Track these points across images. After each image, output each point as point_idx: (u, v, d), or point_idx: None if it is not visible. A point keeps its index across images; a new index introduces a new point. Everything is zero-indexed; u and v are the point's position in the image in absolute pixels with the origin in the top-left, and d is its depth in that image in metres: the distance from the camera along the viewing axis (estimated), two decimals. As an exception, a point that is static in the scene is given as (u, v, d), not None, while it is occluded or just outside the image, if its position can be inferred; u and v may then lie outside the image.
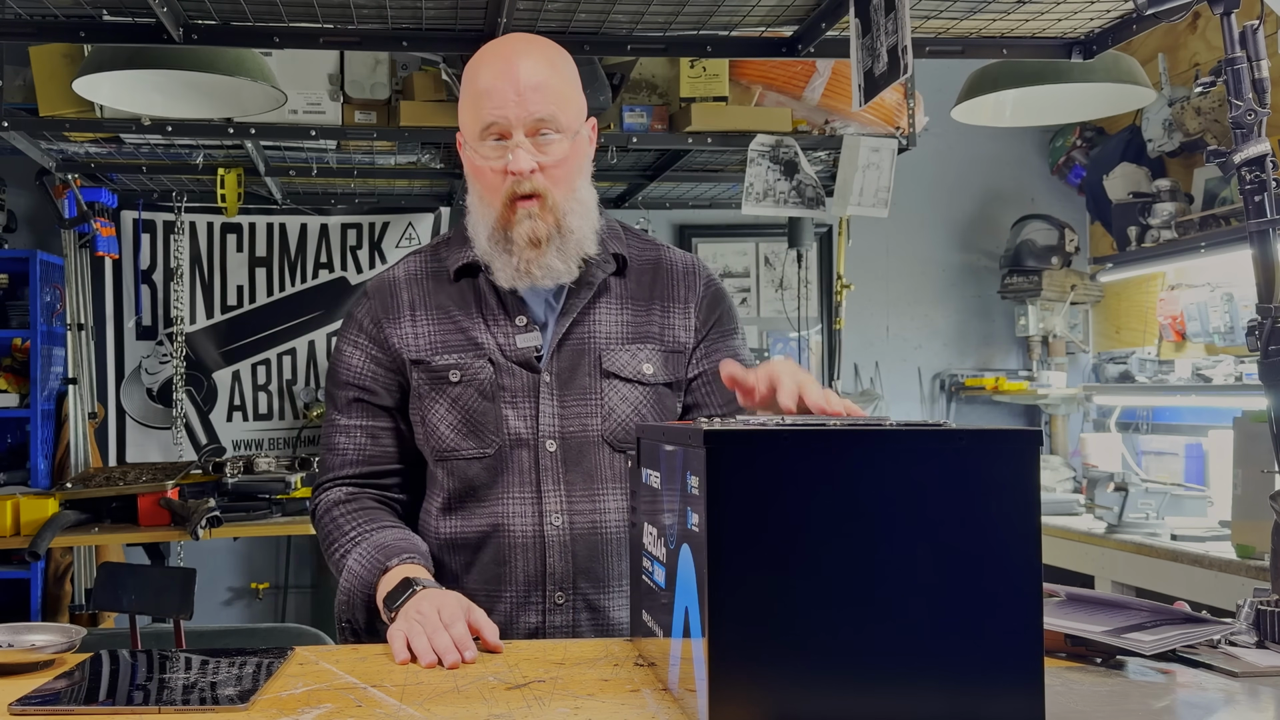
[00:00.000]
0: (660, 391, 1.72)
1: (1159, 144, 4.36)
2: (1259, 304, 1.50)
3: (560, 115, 1.61)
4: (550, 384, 1.67)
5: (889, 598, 1.08)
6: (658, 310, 1.74)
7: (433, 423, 1.68)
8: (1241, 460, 3.30)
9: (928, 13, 2.57)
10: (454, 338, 1.68)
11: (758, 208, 3.76)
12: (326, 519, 1.73)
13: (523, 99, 1.59)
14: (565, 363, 1.68)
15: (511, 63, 1.61)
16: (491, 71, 1.61)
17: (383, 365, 1.72)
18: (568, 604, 1.65)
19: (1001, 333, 5.29)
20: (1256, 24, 1.52)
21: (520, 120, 1.59)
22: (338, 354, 1.76)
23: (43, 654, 1.36)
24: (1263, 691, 1.26)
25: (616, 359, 1.69)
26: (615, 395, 1.68)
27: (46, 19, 2.53)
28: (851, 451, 1.10)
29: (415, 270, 1.76)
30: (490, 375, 1.66)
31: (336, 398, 1.75)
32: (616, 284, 1.73)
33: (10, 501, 3.89)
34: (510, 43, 1.67)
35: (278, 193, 4.78)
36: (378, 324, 1.72)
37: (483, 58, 1.65)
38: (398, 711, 1.18)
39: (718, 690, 1.06)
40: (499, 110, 1.59)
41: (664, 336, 1.73)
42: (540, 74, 1.61)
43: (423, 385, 1.68)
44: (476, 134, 1.62)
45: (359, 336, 1.74)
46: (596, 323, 1.70)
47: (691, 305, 1.76)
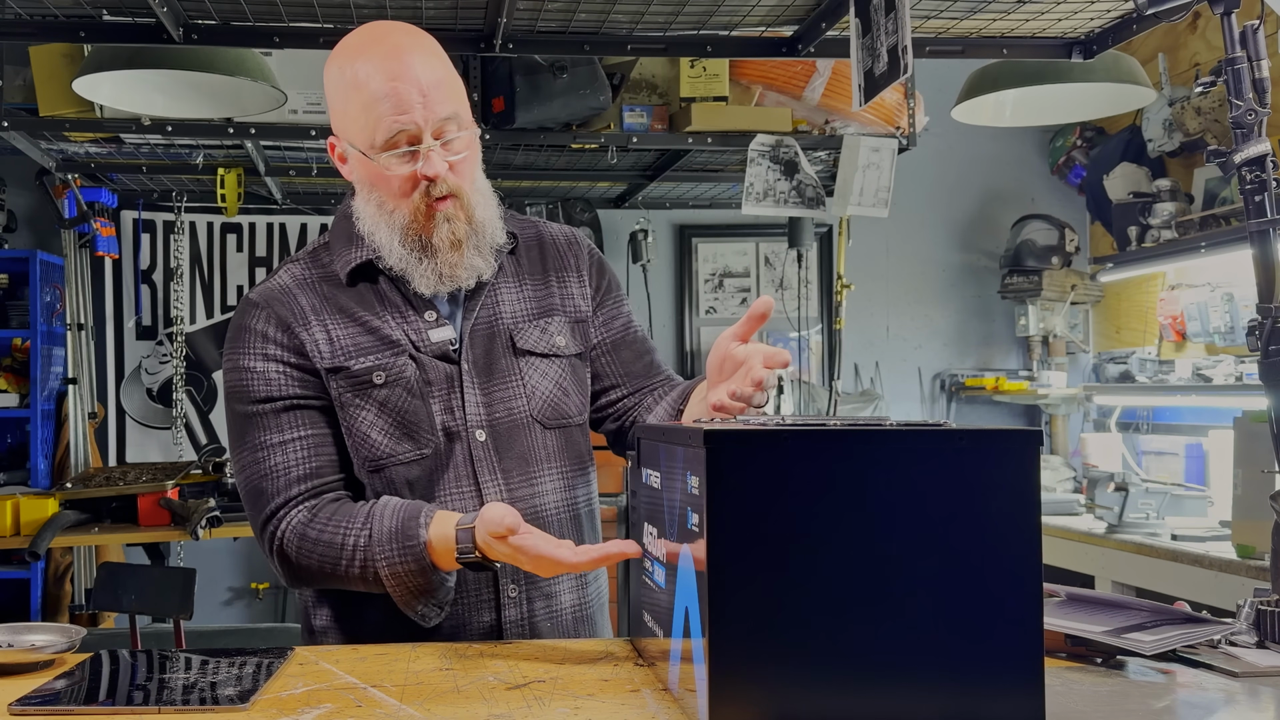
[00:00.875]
0: (574, 363, 1.70)
1: (1159, 144, 4.36)
2: (1259, 304, 1.50)
3: (461, 111, 1.56)
4: (470, 372, 1.61)
5: (889, 598, 1.07)
6: (554, 282, 1.71)
7: (362, 431, 1.57)
8: (1242, 460, 3.30)
9: (928, 13, 2.57)
10: (366, 339, 1.59)
11: (758, 208, 3.76)
12: (306, 545, 1.55)
13: (428, 100, 1.51)
14: (480, 349, 1.63)
15: (403, 62, 1.52)
16: (383, 74, 1.51)
17: (303, 369, 1.59)
18: (521, 595, 1.60)
19: (1001, 333, 5.29)
20: (1256, 24, 1.52)
21: (429, 123, 1.52)
22: (241, 373, 1.59)
23: (43, 654, 1.36)
24: (1263, 691, 1.26)
25: (528, 336, 1.66)
26: (535, 373, 1.65)
27: (46, 19, 2.53)
28: (851, 451, 1.10)
29: (302, 276, 1.64)
30: (415, 372, 1.58)
31: (256, 417, 1.58)
32: (510, 263, 1.69)
33: (10, 501, 3.89)
34: (390, 35, 1.57)
35: (278, 193, 4.78)
36: (285, 329, 1.59)
37: (364, 59, 1.54)
38: (398, 711, 1.18)
39: (718, 690, 1.06)
40: (406, 116, 1.51)
41: (566, 307, 1.70)
42: (435, 69, 1.54)
43: (344, 394, 1.57)
44: (378, 143, 1.53)
45: (266, 345, 1.59)
46: (500, 304, 1.66)
47: (584, 274, 1.74)
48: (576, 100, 3.52)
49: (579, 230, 1.81)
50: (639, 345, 1.77)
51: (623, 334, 1.76)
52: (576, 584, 1.67)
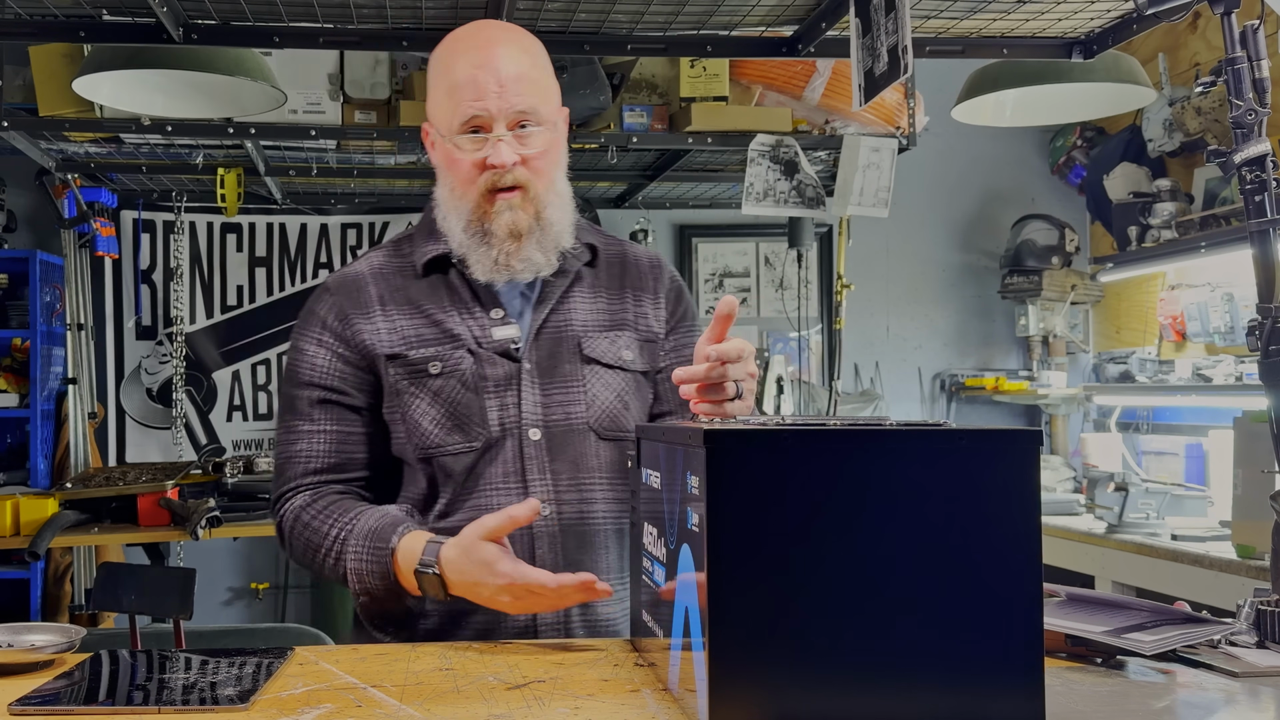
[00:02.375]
0: (639, 379, 1.71)
1: (1159, 144, 4.36)
2: (1259, 304, 1.50)
3: (541, 107, 1.59)
4: (531, 372, 1.63)
5: (889, 598, 1.07)
6: (630, 300, 1.73)
7: (414, 419, 1.61)
8: (1242, 460, 3.29)
9: (928, 13, 2.57)
10: (429, 331, 1.63)
11: (758, 208, 3.76)
12: (298, 528, 1.63)
13: (504, 90, 1.56)
14: (544, 351, 1.65)
15: (490, 52, 1.57)
16: (469, 61, 1.57)
17: (351, 364, 1.64)
18: None
19: (1001, 333, 5.29)
20: (1257, 24, 1.52)
21: (502, 113, 1.56)
22: (297, 353, 1.67)
23: (43, 654, 1.36)
24: (1263, 692, 1.26)
25: (596, 345, 1.67)
26: (598, 382, 1.66)
27: (46, 19, 2.53)
28: (851, 451, 1.10)
29: (380, 265, 1.69)
30: (471, 365, 1.61)
31: (297, 400, 1.65)
32: (589, 274, 1.72)
33: (10, 501, 3.89)
34: (485, 30, 1.64)
35: (278, 193, 4.78)
36: (344, 319, 1.65)
37: (457, 46, 1.61)
38: (398, 711, 1.18)
39: (718, 690, 1.06)
40: (479, 103, 1.56)
41: (638, 325, 1.73)
42: (521, 64, 1.58)
43: (400, 380, 1.62)
44: (454, 127, 1.58)
45: (323, 334, 1.65)
46: (573, 311, 1.68)
47: (661, 297, 1.76)
48: (576, 100, 3.52)
49: (663, 256, 1.84)
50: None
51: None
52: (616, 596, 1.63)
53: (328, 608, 4.84)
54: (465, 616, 1.59)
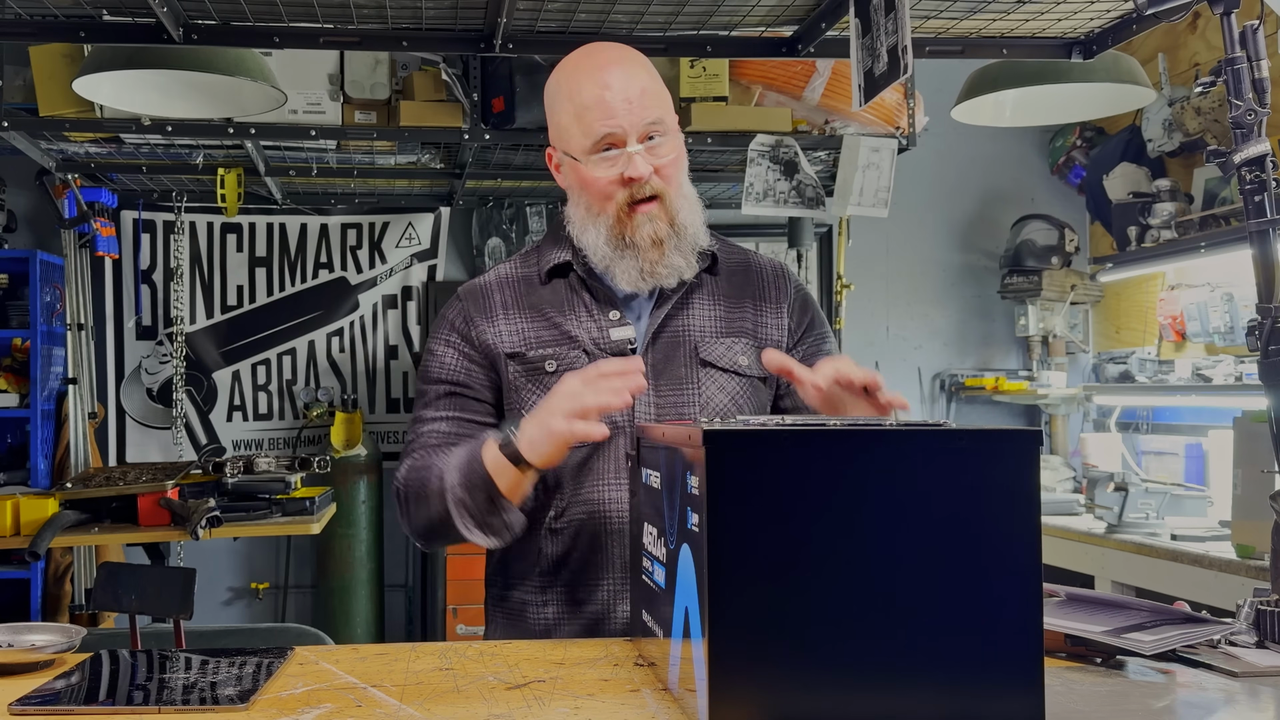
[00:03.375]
0: (756, 385, 1.75)
1: (1159, 144, 4.36)
2: (1259, 304, 1.50)
3: (666, 116, 1.67)
4: (646, 373, 1.67)
5: (889, 598, 1.08)
6: (749, 308, 1.78)
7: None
8: (1241, 460, 3.30)
9: (928, 13, 2.57)
10: (548, 333, 1.71)
11: (758, 208, 3.76)
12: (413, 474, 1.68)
13: (632, 106, 1.62)
14: (661, 353, 1.70)
15: (610, 72, 1.64)
16: (593, 84, 1.64)
17: (475, 361, 1.73)
18: None
19: (1001, 333, 5.29)
20: (1256, 24, 1.52)
21: (634, 127, 1.63)
22: (429, 355, 1.78)
23: (43, 654, 1.36)
24: (1263, 691, 1.26)
25: (712, 350, 1.72)
26: (712, 385, 1.71)
27: (46, 19, 2.53)
28: (851, 451, 1.10)
29: (506, 275, 1.79)
30: (586, 364, 1.66)
31: (427, 394, 1.76)
32: (709, 280, 1.77)
33: (10, 501, 3.88)
34: (600, 53, 1.70)
35: (278, 193, 4.78)
36: (469, 322, 1.74)
37: (576, 72, 1.67)
38: (398, 711, 1.18)
39: (718, 690, 1.06)
40: (612, 120, 1.62)
41: (757, 333, 1.77)
42: (641, 78, 1.65)
43: (519, 378, 1.70)
44: (586, 148, 1.64)
45: (450, 335, 1.76)
46: (691, 316, 1.73)
47: (784, 306, 1.80)
48: (576, 100, 3.51)
49: (789, 267, 1.88)
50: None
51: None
52: None
53: (328, 608, 4.85)
54: (580, 606, 1.66)
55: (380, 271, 5.10)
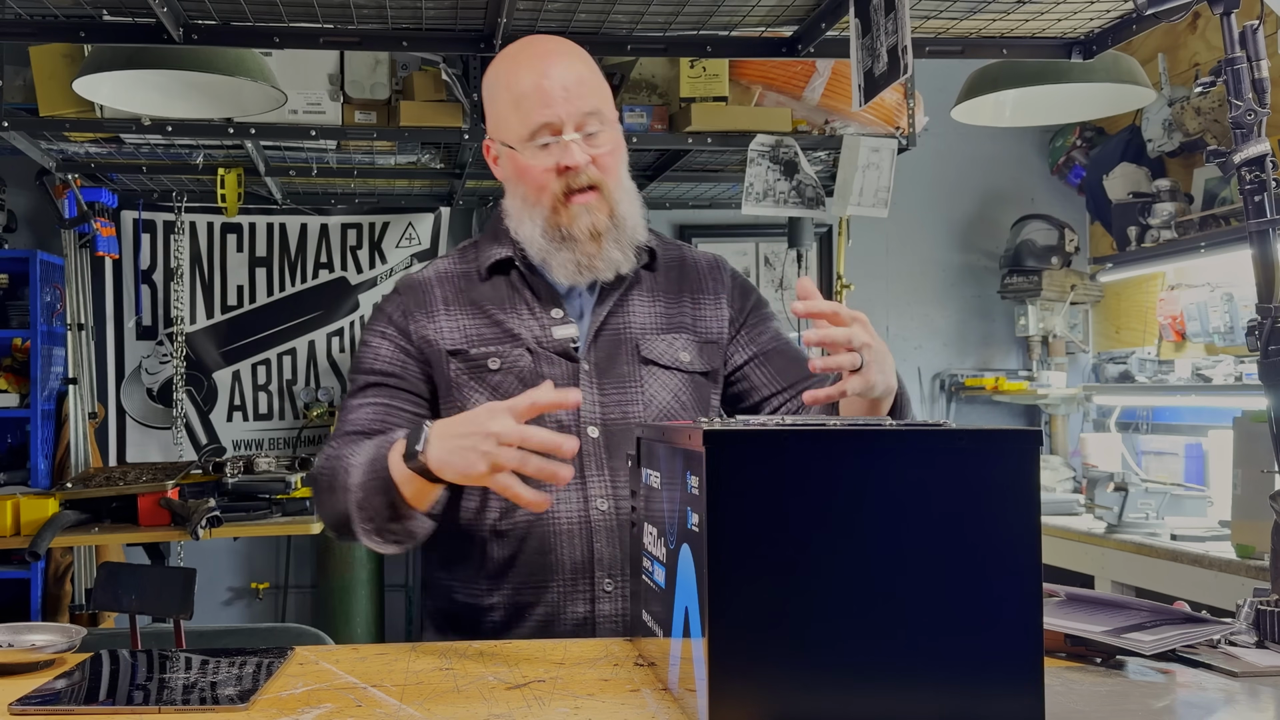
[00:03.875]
0: (698, 380, 1.75)
1: (1159, 144, 4.36)
2: (1259, 304, 1.50)
3: (603, 107, 1.65)
4: (590, 372, 1.68)
5: (889, 598, 1.08)
6: (688, 303, 1.78)
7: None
8: (1241, 460, 3.30)
9: (928, 13, 2.57)
10: (490, 330, 1.69)
11: (758, 208, 3.76)
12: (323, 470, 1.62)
13: (570, 94, 1.61)
14: (603, 352, 1.70)
15: (548, 62, 1.63)
16: (531, 73, 1.63)
17: (410, 355, 1.71)
18: (617, 591, 1.64)
19: (1001, 333, 5.29)
20: (1256, 24, 1.52)
21: (570, 116, 1.61)
22: (363, 346, 1.75)
23: (43, 654, 1.36)
24: (1263, 691, 1.26)
25: (654, 347, 1.72)
26: (655, 382, 1.71)
27: (46, 19, 2.53)
28: (851, 451, 1.10)
29: (446, 271, 1.77)
30: (530, 363, 1.67)
31: (355, 383, 1.73)
32: (648, 277, 1.76)
33: (10, 501, 3.88)
34: (540, 44, 1.69)
35: (278, 193, 4.78)
36: (408, 316, 1.72)
37: (514, 62, 1.66)
38: (398, 711, 1.18)
39: (718, 690, 1.06)
40: (548, 109, 1.61)
41: (697, 328, 1.76)
42: (579, 69, 1.65)
43: (461, 375, 1.68)
44: (523, 136, 1.63)
45: (387, 327, 1.73)
46: (631, 313, 1.73)
47: (722, 297, 1.80)
48: (576, 100, 3.51)
49: (723, 258, 1.87)
50: (791, 352, 1.82)
51: (773, 344, 1.81)
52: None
53: (328, 608, 4.85)
54: (529, 609, 1.64)
55: (380, 271, 5.10)
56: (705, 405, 1.77)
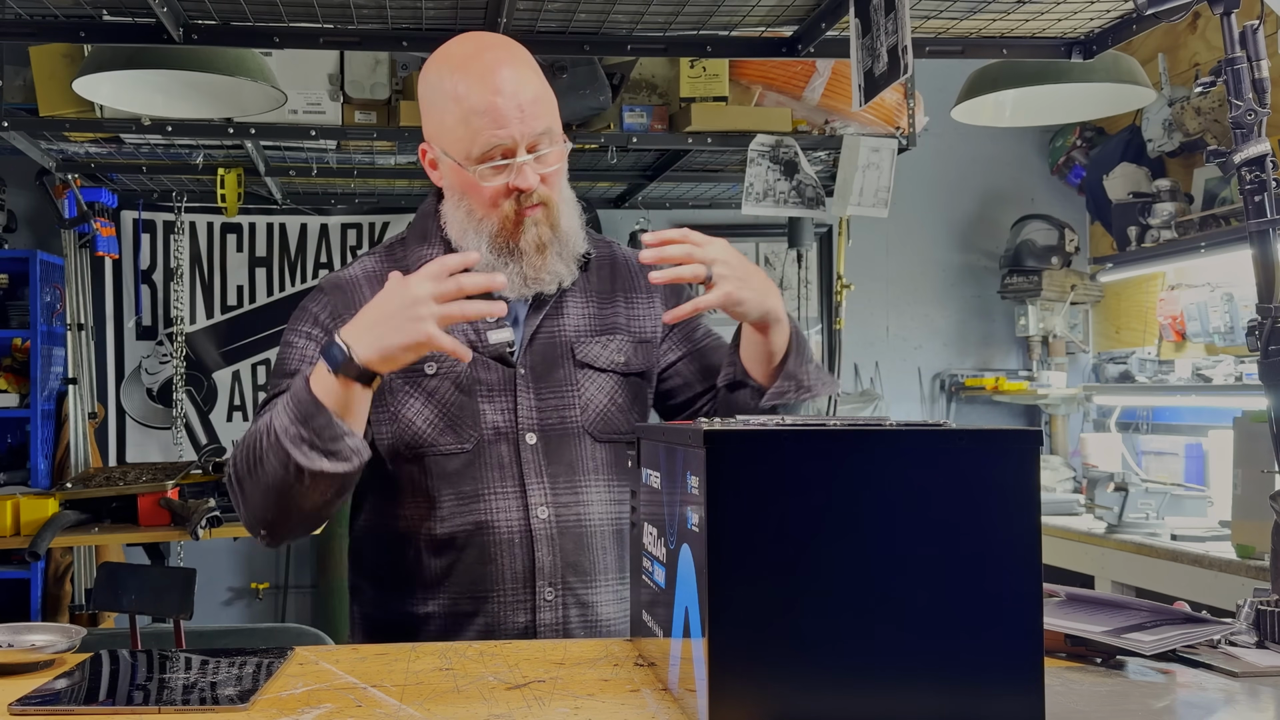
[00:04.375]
0: (633, 381, 1.73)
1: (1159, 144, 4.36)
2: (1259, 304, 1.50)
3: (554, 125, 1.61)
4: (526, 377, 1.65)
5: (889, 598, 1.08)
6: (621, 302, 1.75)
7: (408, 417, 1.63)
8: (1241, 460, 3.29)
9: (928, 13, 2.57)
10: None
11: (758, 208, 3.76)
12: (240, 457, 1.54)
13: (524, 115, 1.56)
14: (539, 356, 1.67)
15: (500, 75, 1.56)
16: (482, 87, 1.56)
17: None
18: (557, 600, 1.63)
19: (1001, 333, 5.29)
20: (1256, 24, 1.52)
21: (524, 137, 1.57)
22: (286, 347, 1.68)
23: (43, 654, 1.36)
24: (1263, 691, 1.26)
25: (589, 350, 1.70)
26: (591, 386, 1.69)
27: (46, 19, 2.53)
28: (851, 451, 1.10)
29: (373, 269, 1.70)
30: (466, 369, 1.63)
31: (276, 387, 1.64)
32: (580, 279, 1.73)
33: (10, 501, 3.88)
34: (488, 51, 1.60)
35: (278, 193, 4.78)
36: (336, 317, 1.65)
37: (464, 70, 1.58)
38: (398, 711, 1.18)
39: (718, 690, 1.06)
40: (504, 130, 1.55)
41: (630, 327, 1.74)
42: (532, 84, 1.59)
43: (395, 379, 1.62)
44: (475, 155, 1.57)
45: (312, 328, 1.67)
46: (565, 316, 1.70)
47: (655, 295, 1.77)
48: (576, 100, 3.52)
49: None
50: (723, 349, 1.80)
51: (705, 340, 1.80)
52: (614, 598, 1.68)
53: (328, 608, 4.85)
54: (468, 619, 1.61)
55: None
56: (643, 405, 1.75)
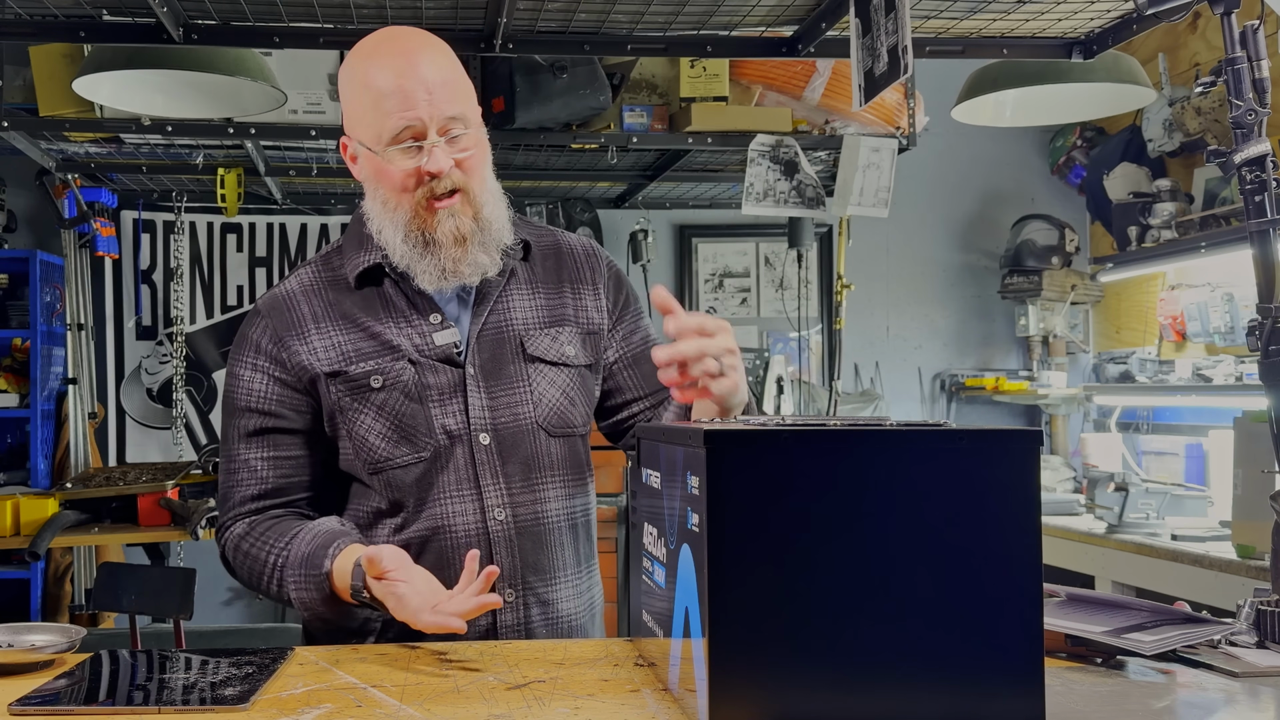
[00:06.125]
0: (584, 374, 1.70)
1: (1159, 144, 4.36)
2: (1259, 304, 1.50)
3: (467, 110, 1.57)
4: (475, 376, 1.62)
5: (889, 598, 1.07)
6: (569, 293, 1.71)
7: (361, 434, 1.60)
8: (1242, 460, 3.29)
9: (928, 13, 2.57)
10: (367, 344, 1.61)
11: (758, 208, 3.76)
12: (239, 557, 1.63)
13: (434, 97, 1.53)
14: (487, 353, 1.63)
15: (412, 60, 1.55)
16: (391, 71, 1.54)
17: (287, 385, 1.62)
18: (518, 601, 1.62)
19: (1001, 333, 5.29)
20: (1256, 24, 1.52)
21: (434, 119, 1.54)
22: (233, 380, 1.65)
23: (43, 654, 1.36)
24: (1263, 691, 1.26)
25: (538, 343, 1.66)
26: (543, 380, 1.65)
27: (46, 19, 2.53)
28: (851, 451, 1.10)
29: (310, 281, 1.67)
30: (413, 376, 1.60)
31: (235, 429, 1.64)
32: (523, 270, 1.69)
33: (10, 501, 3.88)
34: (399, 39, 1.60)
35: (278, 193, 4.78)
36: (279, 342, 1.63)
37: (374, 58, 1.57)
38: (398, 711, 1.18)
39: (718, 690, 1.06)
40: (411, 112, 1.53)
41: (579, 319, 1.71)
42: (444, 69, 1.56)
43: (343, 398, 1.60)
44: (383, 138, 1.54)
45: (257, 358, 1.64)
46: (511, 310, 1.66)
47: (600, 286, 1.74)
48: (576, 100, 3.52)
49: (597, 244, 1.81)
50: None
51: (643, 347, 1.76)
52: (573, 593, 1.69)
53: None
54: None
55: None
56: (591, 399, 1.72)
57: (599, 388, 1.74)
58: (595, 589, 1.76)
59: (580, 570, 1.70)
